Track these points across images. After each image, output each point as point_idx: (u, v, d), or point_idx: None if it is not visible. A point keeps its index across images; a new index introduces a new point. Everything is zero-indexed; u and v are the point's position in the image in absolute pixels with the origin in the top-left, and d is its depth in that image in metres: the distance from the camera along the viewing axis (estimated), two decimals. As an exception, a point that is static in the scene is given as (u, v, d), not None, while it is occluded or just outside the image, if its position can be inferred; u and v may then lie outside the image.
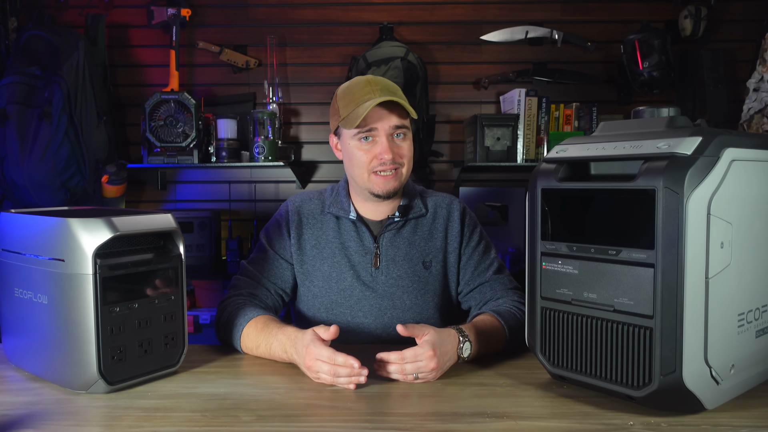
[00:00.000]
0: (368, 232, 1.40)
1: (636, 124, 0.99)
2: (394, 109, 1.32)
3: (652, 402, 0.90)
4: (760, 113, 2.41)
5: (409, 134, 1.37)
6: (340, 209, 1.41)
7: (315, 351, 1.08)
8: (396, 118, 1.32)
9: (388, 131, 1.32)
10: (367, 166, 1.34)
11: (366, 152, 1.33)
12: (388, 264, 1.39)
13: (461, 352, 1.15)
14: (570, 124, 2.71)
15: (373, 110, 1.30)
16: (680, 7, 2.73)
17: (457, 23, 2.85)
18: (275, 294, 1.41)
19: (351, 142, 1.35)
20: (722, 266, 0.87)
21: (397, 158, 1.33)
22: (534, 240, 1.03)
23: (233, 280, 1.41)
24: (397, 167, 1.34)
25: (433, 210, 1.45)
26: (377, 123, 1.31)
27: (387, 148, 1.31)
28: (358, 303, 1.38)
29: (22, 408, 0.98)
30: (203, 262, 2.70)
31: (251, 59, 2.81)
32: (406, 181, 1.39)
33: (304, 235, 1.42)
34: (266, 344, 1.20)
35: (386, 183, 1.34)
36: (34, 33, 2.48)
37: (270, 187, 2.92)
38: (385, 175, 1.33)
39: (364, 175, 1.34)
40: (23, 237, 1.07)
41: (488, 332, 1.23)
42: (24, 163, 2.36)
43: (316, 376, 1.09)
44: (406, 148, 1.35)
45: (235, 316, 1.27)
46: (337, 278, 1.39)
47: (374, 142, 1.33)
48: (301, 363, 1.12)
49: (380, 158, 1.32)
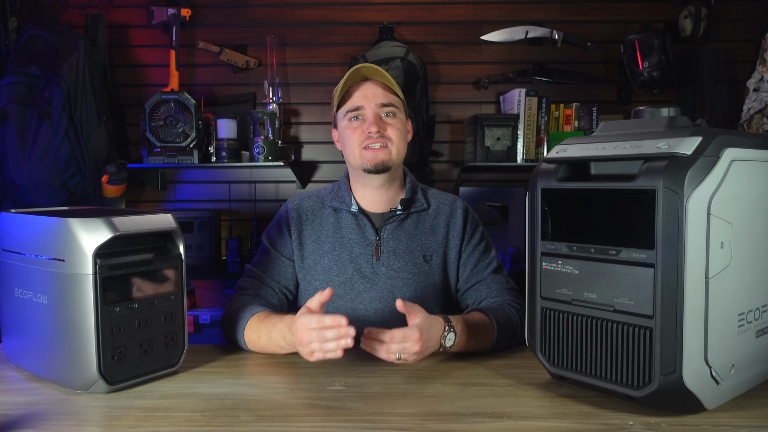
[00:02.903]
0: (370, 223, 1.42)
1: (636, 124, 0.99)
2: (380, 87, 1.39)
3: (652, 402, 0.90)
4: (760, 113, 2.41)
5: (399, 114, 1.40)
6: (341, 202, 1.43)
7: (304, 321, 1.11)
8: (381, 93, 1.38)
9: (374, 109, 1.37)
10: (358, 142, 1.38)
11: (355, 130, 1.38)
12: (389, 256, 1.40)
13: (444, 340, 1.18)
14: (570, 124, 2.71)
15: (359, 89, 1.38)
16: (680, 7, 2.73)
17: (457, 23, 2.85)
18: (280, 293, 1.42)
19: (343, 124, 1.41)
20: (722, 266, 0.87)
21: (384, 131, 1.37)
22: (534, 240, 1.03)
23: (238, 283, 1.43)
24: (386, 143, 1.37)
25: (435, 206, 1.47)
26: (363, 101, 1.38)
27: (372, 121, 1.36)
28: (358, 295, 1.39)
29: (22, 408, 0.97)
30: (203, 262, 2.70)
31: (251, 59, 2.81)
32: (398, 160, 1.40)
33: (304, 231, 1.44)
34: (267, 334, 1.22)
35: (375, 155, 1.36)
36: (34, 33, 2.48)
37: (270, 187, 2.92)
38: (374, 147, 1.36)
39: (356, 152, 1.38)
40: (23, 237, 1.07)
41: (476, 327, 1.24)
42: (24, 163, 2.36)
43: (308, 350, 1.10)
44: (394, 125, 1.39)
45: (239, 312, 1.29)
46: (337, 271, 1.40)
47: (363, 120, 1.38)
48: (296, 341, 1.13)
49: (367, 132, 1.36)
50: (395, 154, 1.38)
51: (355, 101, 1.38)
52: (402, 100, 1.43)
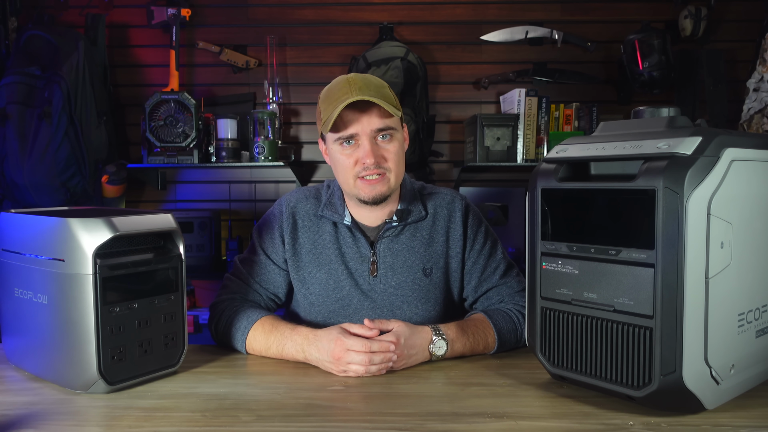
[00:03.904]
0: (364, 238, 1.34)
1: (636, 124, 0.99)
2: (375, 109, 1.23)
3: (652, 402, 0.90)
4: (760, 113, 2.41)
5: (397, 135, 1.28)
6: (334, 213, 1.34)
7: (346, 342, 1.10)
8: (377, 119, 1.23)
9: (369, 134, 1.24)
10: (352, 171, 1.26)
11: (348, 156, 1.26)
12: (386, 272, 1.33)
13: (434, 350, 1.17)
14: (570, 124, 2.71)
15: (352, 113, 1.23)
16: (680, 7, 2.73)
17: (457, 23, 2.85)
18: (267, 299, 1.38)
19: (333, 147, 1.28)
20: (722, 266, 0.87)
21: (382, 161, 1.25)
22: (534, 240, 1.02)
23: (224, 280, 1.38)
24: (383, 171, 1.26)
25: (432, 212, 1.38)
26: (356, 127, 1.23)
27: (369, 152, 1.23)
28: (356, 312, 1.33)
29: (22, 408, 0.97)
30: (203, 262, 2.70)
31: (251, 59, 2.81)
32: (396, 185, 1.30)
33: (299, 239, 1.36)
34: (278, 345, 1.20)
35: (372, 188, 1.26)
36: (34, 33, 2.48)
37: (270, 187, 2.92)
38: (371, 179, 1.25)
39: (350, 181, 1.27)
40: (23, 237, 1.07)
41: (473, 331, 1.22)
42: (24, 163, 2.36)
43: (343, 368, 1.10)
44: (392, 150, 1.26)
45: (236, 320, 1.26)
46: (334, 286, 1.34)
47: (357, 145, 1.25)
48: (325, 358, 1.12)
49: (362, 162, 1.24)
50: (394, 181, 1.28)
51: (348, 129, 1.24)
52: (398, 108, 1.27)
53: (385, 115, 1.24)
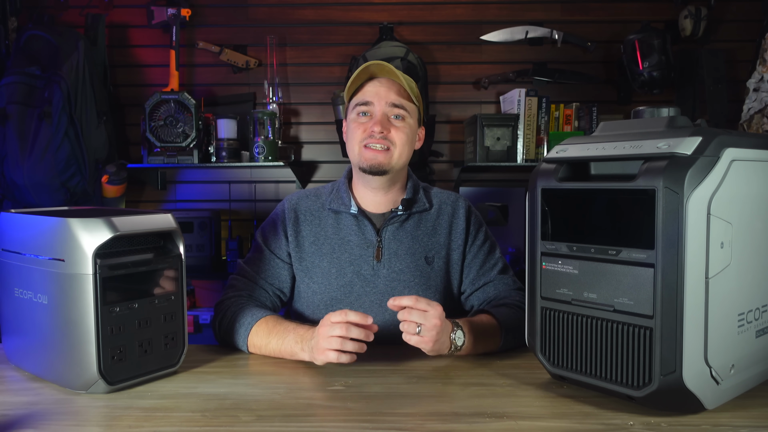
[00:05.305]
0: (370, 224, 1.39)
1: (636, 124, 0.99)
2: (395, 88, 1.36)
3: (652, 402, 0.90)
4: (760, 113, 2.41)
5: (409, 120, 1.37)
6: (340, 204, 1.41)
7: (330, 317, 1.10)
8: (394, 95, 1.35)
9: (383, 107, 1.35)
10: (360, 138, 1.35)
11: (360, 125, 1.36)
12: (391, 257, 1.38)
13: (455, 339, 1.17)
14: (570, 124, 2.71)
15: (372, 86, 1.36)
16: (680, 7, 2.73)
17: (457, 23, 2.85)
18: (273, 295, 1.40)
19: (351, 117, 1.40)
20: (722, 266, 0.87)
21: (388, 134, 1.34)
22: (534, 240, 1.03)
23: (230, 280, 1.40)
24: (388, 145, 1.34)
25: (437, 205, 1.45)
26: (374, 97, 1.35)
27: (378, 120, 1.34)
28: (358, 299, 1.37)
29: (22, 408, 0.97)
30: (203, 262, 2.70)
31: (251, 59, 2.81)
32: (397, 165, 1.37)
33: (302, 232, 1.41)
34: (278, 341, 1.20)
35: (374, 157, 1.34)
36: (34, 33, 2.48)
37: (270, 187, 2.92)
38: (374, 148, 1.34)
39: (356, 149, 1.36)
40: (23, 237, 1.07)
41: (483, 329, 1.23)
42: (24, 163, 2.36)
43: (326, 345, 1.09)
44: (401, 129, 1.36)
45: (240, 316, 1.27)
46: (336, 274, 1.38)
47: (370, 117, 1.36)
48: (315, 344, 1.11)
49: (370, 130, 1.33)
50: (396, 158, 1.36)
51: (365, 95, 1.36)
52: (417, 106, 1.40)
53: (404, 96, 1.36)
